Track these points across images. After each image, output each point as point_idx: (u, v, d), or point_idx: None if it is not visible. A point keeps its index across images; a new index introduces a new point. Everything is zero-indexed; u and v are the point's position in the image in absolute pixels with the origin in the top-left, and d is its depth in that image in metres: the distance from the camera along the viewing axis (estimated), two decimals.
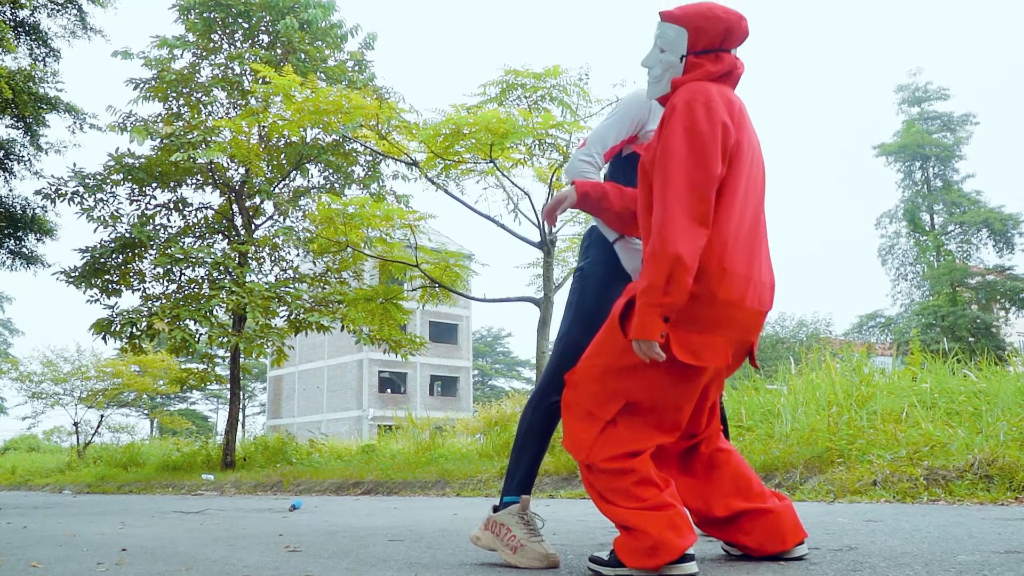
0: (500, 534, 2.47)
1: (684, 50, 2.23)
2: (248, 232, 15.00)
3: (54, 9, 14.01)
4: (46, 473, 20.24)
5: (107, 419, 27.66)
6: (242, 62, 14.82)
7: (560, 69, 9.62)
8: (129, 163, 13.95)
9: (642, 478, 2.10)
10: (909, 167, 33.15)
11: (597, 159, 2.63)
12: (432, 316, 44.73)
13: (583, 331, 2.55)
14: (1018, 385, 5.48)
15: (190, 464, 15.14)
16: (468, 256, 12.57)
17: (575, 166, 2.63)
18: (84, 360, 24.43)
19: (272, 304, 13.61)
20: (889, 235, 33.72)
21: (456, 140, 9.46)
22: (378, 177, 15.24)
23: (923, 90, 33.34)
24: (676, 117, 2.10)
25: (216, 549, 3.29)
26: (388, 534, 3.72)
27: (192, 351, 13.75)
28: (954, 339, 27.67)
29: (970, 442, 4.63)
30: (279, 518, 5.28)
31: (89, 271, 13.84)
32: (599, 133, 2.65)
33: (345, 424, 42.11)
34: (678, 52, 2.24)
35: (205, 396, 54.39)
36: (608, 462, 2.13)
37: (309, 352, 46.02)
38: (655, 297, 1.99)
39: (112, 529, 4.61)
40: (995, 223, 30.84)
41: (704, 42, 2.22)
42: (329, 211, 10.75)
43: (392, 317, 12.78)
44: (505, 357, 67.15)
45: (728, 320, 2.11)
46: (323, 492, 9.73)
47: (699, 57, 2.22)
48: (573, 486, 6.80)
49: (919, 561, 2.18)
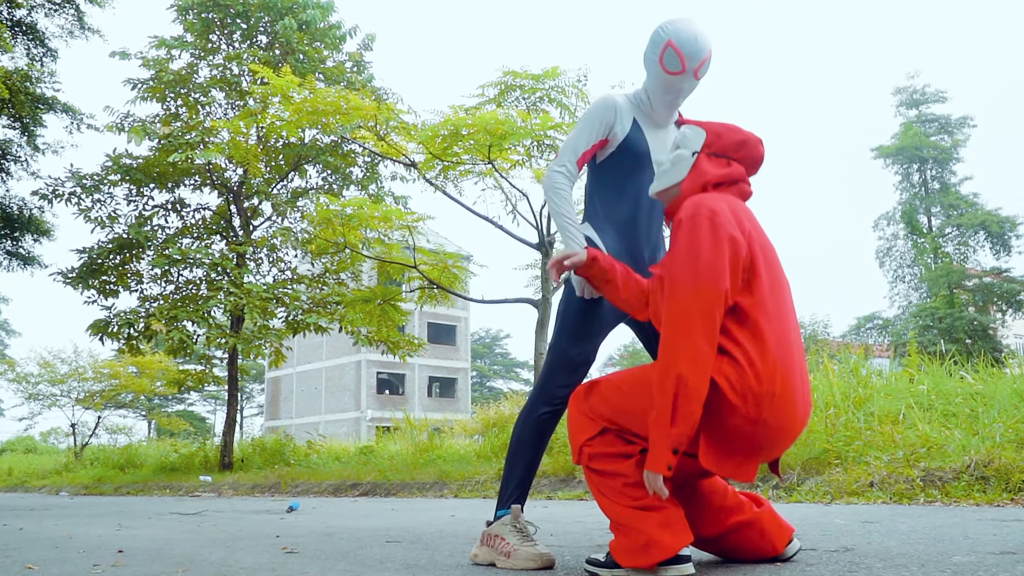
0: (494, 545, 2.49)
1: (698, 147, 2.23)
2: (246, 233, 14.99)
3: (51, 9, 14.01)
4: (43, 475, 20.21)
5: (104, 420, 27.63)
6: (240, 63, 14.81)
7: (558, 71, 9.64)
8: (127, 164, 13.94)
9: (635, 480, 2.11)
10: (907, 169, 33.22)
11: (570, 168, 2.65)
12: (430, 317, 44.73)
13: (570, 342, 2.57)
14: (1014, 387, 5.48)
15: (188, 465, 15.12)
16: (466, 257, 12.59)
17: (549, 178, 2.67)
18: (81, 361, 24.40)
19: (270, 305, 13.61)
20: (887, 237, 33.82)
21: (454, 141, 9.47)
22: (376, 178, 15.24)
23: (921, 93, 33.41)
24: (681, 233, 2.06)
25: (213, 551, 3.29)
26: (386, 535, 3.72)
27: (190, 352, 13.75)
28: (951, 341, 27.71)
29: (966, 443, 4.63)
30: (276, 519, 5.27)
31: (86, 272, 13.82)
32: (569, 142, 2.68)
33: (343, 425, 42.08)
34: (691, 148, 2.24)
35: (203, 397, 54.37)
36: (599, 462, 2.17)
37: (307, 353, 45.99)
38: (663, 427, 1.93)
39: (109, 531, 4.61)
40: (992, 225, 30.91)
41: (719, 146, 2.22)
42: (327, 212, 10.75)
43: (390, 318, 12.78)
44: (503, 358, 67.14)
45: (774, 443, 2.05)
46: (321, 493, 9.72)
47: (711, 158, 2.22)
48: (571, 487, 6.80)
49: (915, 562, 2.18)
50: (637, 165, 2.67)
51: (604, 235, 2.67)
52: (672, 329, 1.98)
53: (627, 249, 2.65)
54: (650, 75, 2.63)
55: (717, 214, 2.05)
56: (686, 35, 2.51)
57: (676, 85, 2.58)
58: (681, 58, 2.52)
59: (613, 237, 2.66)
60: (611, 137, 2.67)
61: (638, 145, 2.66)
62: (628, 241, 2.65)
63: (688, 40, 2.51)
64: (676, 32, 2.52)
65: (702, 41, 2.53)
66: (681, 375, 1.92)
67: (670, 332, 1.98)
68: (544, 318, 9.67)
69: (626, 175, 2.67)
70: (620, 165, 2.68)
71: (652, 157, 2.67)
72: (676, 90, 2.60)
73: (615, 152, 2.68)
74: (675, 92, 2.61)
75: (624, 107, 2.68)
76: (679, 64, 2.53)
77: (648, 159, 2.67)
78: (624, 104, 2.69)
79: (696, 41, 2.52)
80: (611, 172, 2.69)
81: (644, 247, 2.67)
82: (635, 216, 2.66)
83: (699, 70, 2.56)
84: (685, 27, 2.53)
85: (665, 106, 2.66)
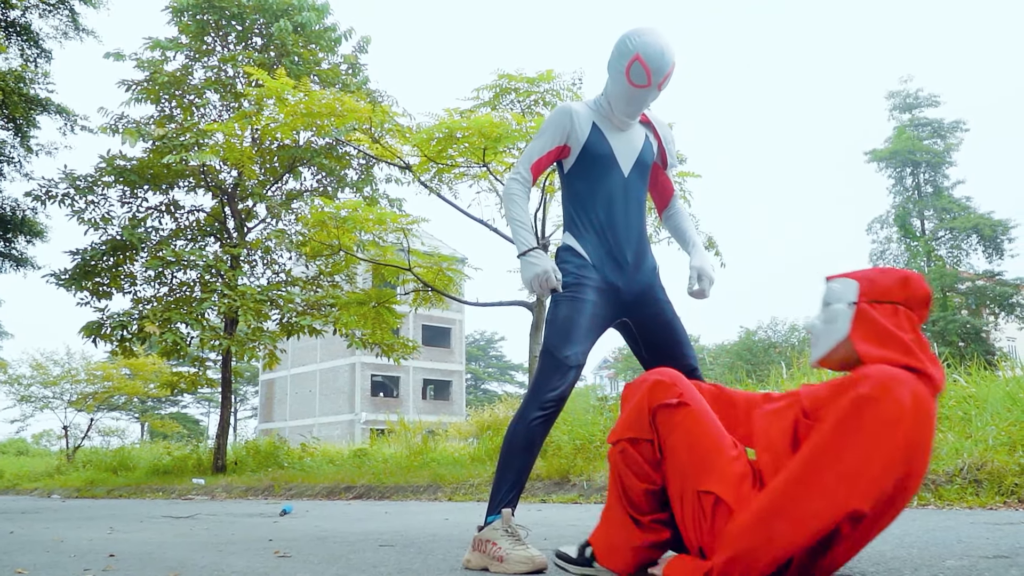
0: (486, 550, 2.49)
1: (853, 297, 1.87)
2: (240, 235, 14.96)
3: (46, 10, 13.99)
4: (35, 477, 20.13)
5: (97, 423, 27.48)
6: (235, 64, 14.79)
7: (553, 74, 9.65)
8: (121, 165, 13.90)
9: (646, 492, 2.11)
10: (900, 173, 33.35)
11: (525, 175, 2.74)
12: (425, 320, 44.70)
13: (560, 345, 2.58)
14: (1007, 390, 5.49)
15: (180, 468, 15.07)
16: (461, 260, 12.57)
17: (506, 186, 2.76)
18: (74, 363, 24.29)
19: (264, 307, 13.58)
20: (880, 240, 33.92)
21: (449, 144, 9.46)
22: (371, 180, 15.23)
23: (914, 97, 33.56)
24: (852, 414, 1.67)
25: (205, 555, 3.28)
26: (379, 539, 3.71)
27: (183, 354, 13.70)
28: (944, 344, 27.80)
29: (959, 447, 4.64)
30: (269, 523, 5.26)
31: (80, 273, 13.77)
32: (526, 151, 2.76)
33: (337, 428, 42.01)
34: (846, 299, 1.88)
35: (196, 399, 54.20)
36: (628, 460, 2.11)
37: (301, 355, 45.91)
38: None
39: (100, 534, 4.58)
40: (985, 229, 31.04)
41: (878, 291, 1.85)
42: (322, 214, 10.74)
43: (385, 321, 12.75)
44: (498, 361, 67.12)
45: None
46: (314, 496, 9.70)
47: (874, 305, 1.84)
48: (565, 491, 6.79)
49: (908, 566, 2.18)
50: (605, 168, 2.71)
51: (584, 242, 2.70)
52: (813, 489, 1.67)
53: (608, 252, 2.68)
54: (615, 84, 2.67)
55: (931, 409, 1.71)
56: (654, 49, 2.55)
57: (640, 97, 2.64)
58: (648, 73, 2.57)
59: (593, 243, 2.69)
60: (571, 143, 2.73)
61: (601, 148, 2.71)
62: (608, 245, 2.68)
63: (655, 55, 2.55)
64: (644, 46, 2.56)
65: (668, 55, 2.57)
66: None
67: (808, 490, 1.68)
68: (538, 321, 9.67)
69: (596, 180, 2.72)
70: (588, 171, 2.72)
71: (617, 158, 2.71)
72: (640, 101, 2.65)
73: (580, 158, 2.73)
74: (638, 103, 2.66)
75: (583, 113, 2.73)
76: (646, 78, 2.58)
77: (614, 160, 2.73)
78: (583, 110, 2.74)
79: (663, 56, 2.56)
80: (581, 179, 2.74)
81: (626, 249, 2.69)
82: (611, 219, 2.69)
83: (663, 83, 2.62)
84: (652, 40, 2.56)
85: (627, 115, 2.71)
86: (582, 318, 2.60)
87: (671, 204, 3.01)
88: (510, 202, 2.73)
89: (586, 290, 2.62)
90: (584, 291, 2.62)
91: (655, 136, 2.87)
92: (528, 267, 2.62)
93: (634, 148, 2.76)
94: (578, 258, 2.68)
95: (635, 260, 2.69)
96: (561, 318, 2.61)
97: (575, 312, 2.60)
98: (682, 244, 2.95)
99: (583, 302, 2.60)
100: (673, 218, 3.00)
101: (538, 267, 2.60)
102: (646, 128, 2.85)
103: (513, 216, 2.70)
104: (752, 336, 34.31)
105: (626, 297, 2.68)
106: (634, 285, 2.68)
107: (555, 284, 2.59)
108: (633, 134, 2.77)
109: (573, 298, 2.61)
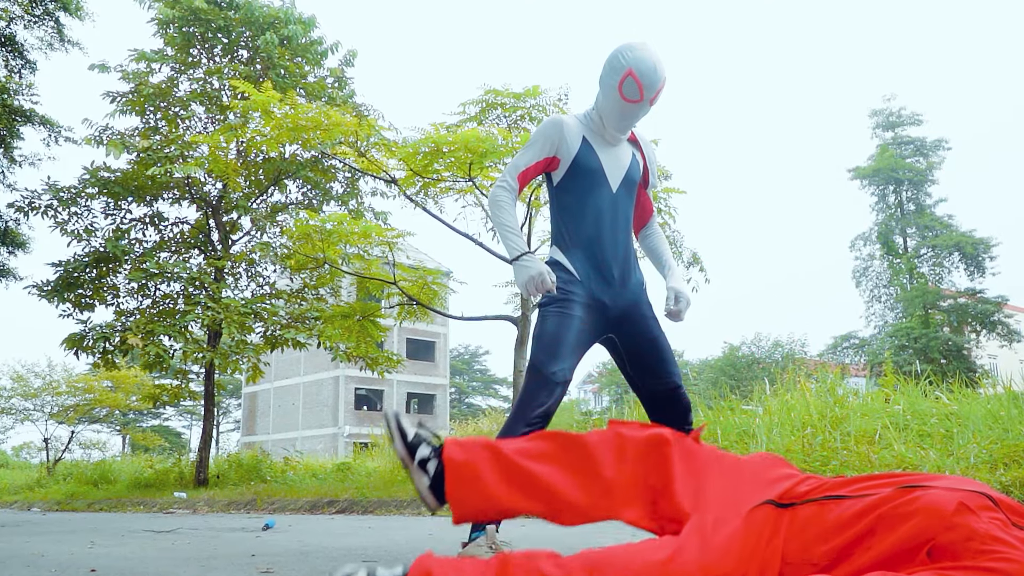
0: None
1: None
2: (225, 247, 14.91)
3: (31, 21, 13.93)
4: (14, 490, 19.87)
5: (78, 435, 27.23)
6: (221, 77, 14.78)
7: (539, 89, 9.71)
8: (105, 177, 13.83)
9: None
10: (883, 190, 33.64)
11: (511, 183, 2.76)
12: (409, 333, 44.58)
13: (547, 361, 2.59)
14: (988, 408, 5.54)
15: (162, 482, 14.93)
16: (446, 274, 12.57)
17: (492, 194, 2.79)
18: (55, 375, 24.05)
19: (248, 320, 13.51)
20: (863, 257, 34.17)
21: (435, 158, 9.49)
22: (357, 194, 15.23)
23: (897, 115, 33.90)
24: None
25: (187, 569, 3.25)
26: (362, 554, 3.69)
27: (166, 367, 13.60)
28: (926, 361, 27.99)
29: (941, 464, 4.67)
30: (252, 538, 5.22)
31: (62, 285, 13.66)
32: (513, 161, 2.80)
33: (321, 441, 41.76)
34: None
35: (178, 412, 53.71)
36: None
37: (285, 368, 45.66)
38: None
39: (81, 548, 4.54)
40: (966, 247, 31.34)
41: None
42: (307, 227, 10.72)
43: (369, 334, 12.72)
44: (482, 375, 66.95)
45: None
46: (297, 510, 9.63)
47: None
48: None
49: None
50: (593, 183, 2.73)
51: (572, 256, 2.71)
52: None
53: (595, 268, 2.69)
54: (606, 98, 2.69)
55: None
56: (646, 65, 2.58)
57: (632, 112, 2.66)
58: (640, 88, 2.59)
59: (580, 258, 2.70)
60: (561, 155, 2.74)
61: (590, 162, 2.73)
62: (596, 260, 2.69)
63: (648, 71, 2.58)
64: (636, 61, 2.59)
65: (660, 71, 2.61)
66: None
67: None
68: (523, 335, 9.68)
69: (584, 194, 2.73)
70: (577, 185, 2.74)
71: (606, 173, 2.73)
72: (632, 116, 2.68)
73: (569, 171, 2.75)
74: (630, 118, 2.68)
75: (573, 126, 2.75)
76: (638, 93, 2.61)
77: (603, 175, 2.74)
78: (573, 123, 2.76)
79: (655, 71, 2.60)
80: (569, 193, 2.75)
81: (613, 265, 2.70)
82: (599, 234, 2.71)
83: (655, 98, 2.65)
84: (644, 56, 2.59)
85: (618, 129, 2.73)
86: (569, 334, 2.61)
87: (649, 224, 3.04)
88: (498, 208, 2.74)
89: (573, 305, 2.63)
90: (571, 307, 2.63)
91: (641, 155, 2.90)
92: (522, 271, 2.63)
93: (622, 165, 2.78)
94: (566, 273, 2.69)
95: (622, 276, 2.71)
96: (548, 334, 2.61)
97: (562, 328, 2.61)
98: (657, 266, 2.98)
99: (570, 318, 2.61)
100: (650, 238, 3.03)
101: (532, 270, 2.61)
102: (633, 146, 2.88)
103: (502, 222, 2.71)
104: (736, 352, 34.42)
105: (613, 313, 2.69)
106: (621, 301, 2.69)
107: (550, 285, 2.60)
108: (621, 151, 2.80)
109: (560, 313, 2.62)
